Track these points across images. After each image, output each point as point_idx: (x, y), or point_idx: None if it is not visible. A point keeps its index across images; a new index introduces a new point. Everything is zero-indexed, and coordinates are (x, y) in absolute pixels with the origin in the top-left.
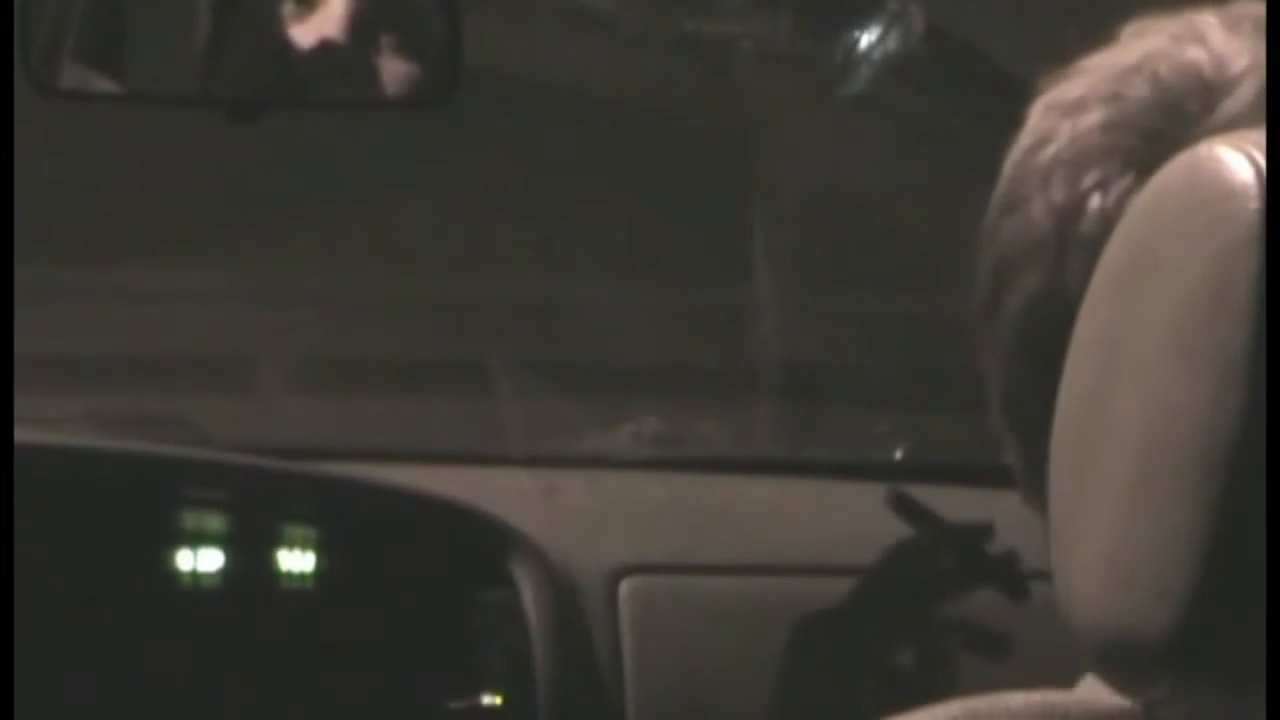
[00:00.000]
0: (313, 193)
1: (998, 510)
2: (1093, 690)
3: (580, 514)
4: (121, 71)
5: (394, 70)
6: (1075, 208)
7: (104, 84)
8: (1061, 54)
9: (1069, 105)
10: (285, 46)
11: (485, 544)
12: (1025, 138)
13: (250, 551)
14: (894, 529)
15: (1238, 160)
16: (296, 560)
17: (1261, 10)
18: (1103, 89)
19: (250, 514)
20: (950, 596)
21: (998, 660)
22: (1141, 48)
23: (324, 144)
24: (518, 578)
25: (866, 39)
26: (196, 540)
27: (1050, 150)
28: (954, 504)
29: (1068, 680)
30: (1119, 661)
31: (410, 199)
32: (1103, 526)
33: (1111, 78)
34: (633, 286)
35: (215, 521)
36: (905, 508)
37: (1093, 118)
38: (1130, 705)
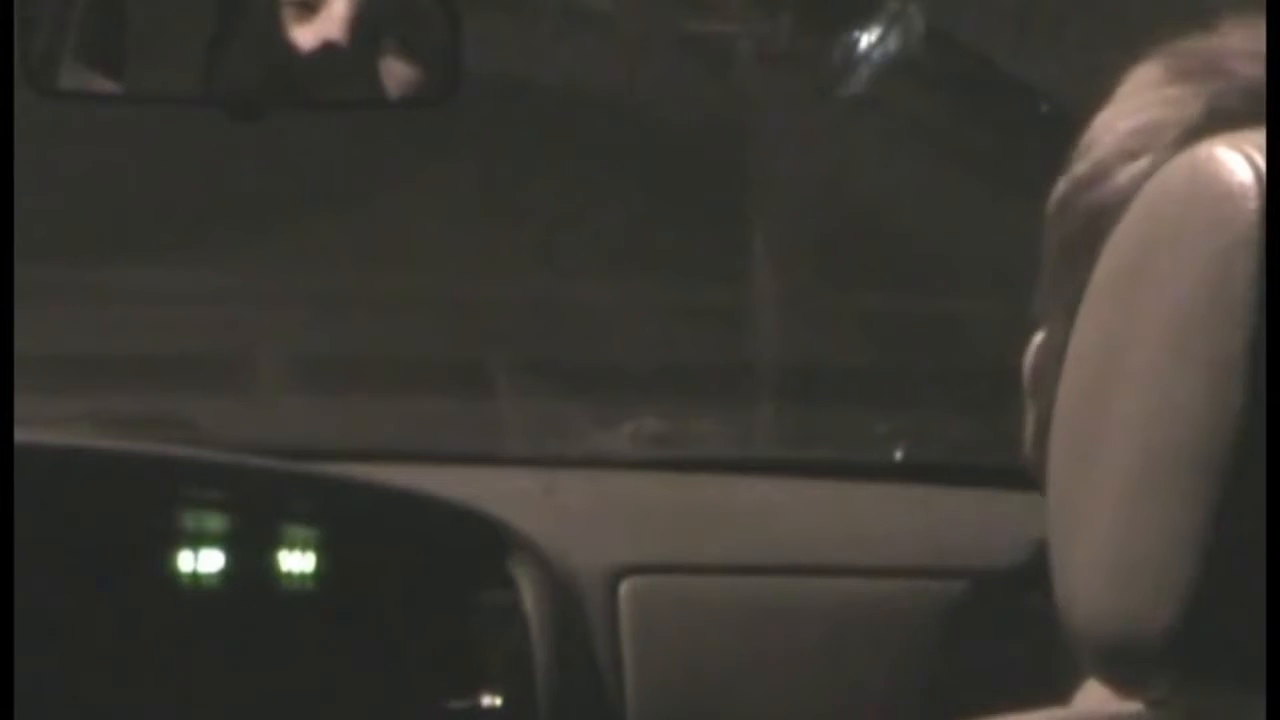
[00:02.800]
0: (313, 193)
1: (998, 510)
2: (1093, 694)
3: (580, 514)
4: (121, 71)
5: (394, 71)
6: (1230, 100)
7: (104, 84)
8: (1062, 54)
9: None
10: (286, 48)
11: (485, 544)
12: (1146, 73)
13: (251, 552)
14: (894, 530)
15: (1237, 161)
16: (297, 560)
17: None
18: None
19: (250, 514)
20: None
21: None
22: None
23: (324, 144)
24: (518, 578)
25: (866, 39)
26: (197, 540)
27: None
28: (954, 504)
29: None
30: (1119, 661)
31: (410, 199)
32: (1103, 526)
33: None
34: (633, 286)
35: (215, 521)
36: None
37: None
38: (1129, 712)
